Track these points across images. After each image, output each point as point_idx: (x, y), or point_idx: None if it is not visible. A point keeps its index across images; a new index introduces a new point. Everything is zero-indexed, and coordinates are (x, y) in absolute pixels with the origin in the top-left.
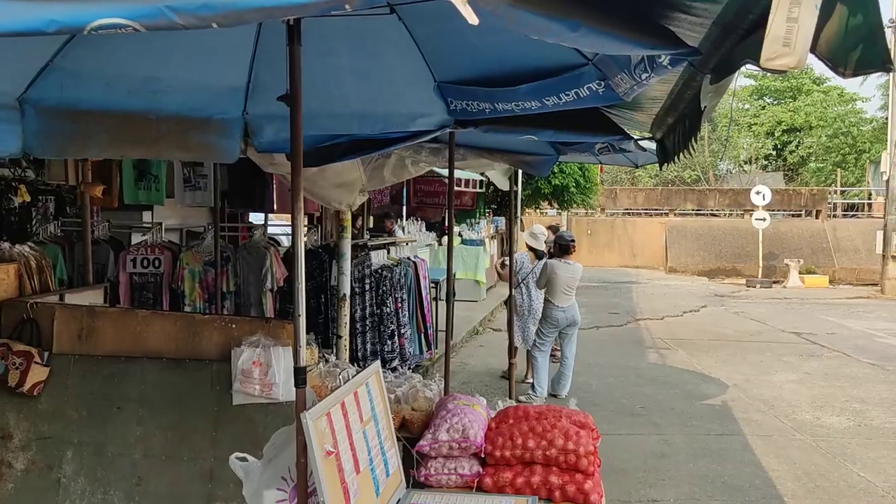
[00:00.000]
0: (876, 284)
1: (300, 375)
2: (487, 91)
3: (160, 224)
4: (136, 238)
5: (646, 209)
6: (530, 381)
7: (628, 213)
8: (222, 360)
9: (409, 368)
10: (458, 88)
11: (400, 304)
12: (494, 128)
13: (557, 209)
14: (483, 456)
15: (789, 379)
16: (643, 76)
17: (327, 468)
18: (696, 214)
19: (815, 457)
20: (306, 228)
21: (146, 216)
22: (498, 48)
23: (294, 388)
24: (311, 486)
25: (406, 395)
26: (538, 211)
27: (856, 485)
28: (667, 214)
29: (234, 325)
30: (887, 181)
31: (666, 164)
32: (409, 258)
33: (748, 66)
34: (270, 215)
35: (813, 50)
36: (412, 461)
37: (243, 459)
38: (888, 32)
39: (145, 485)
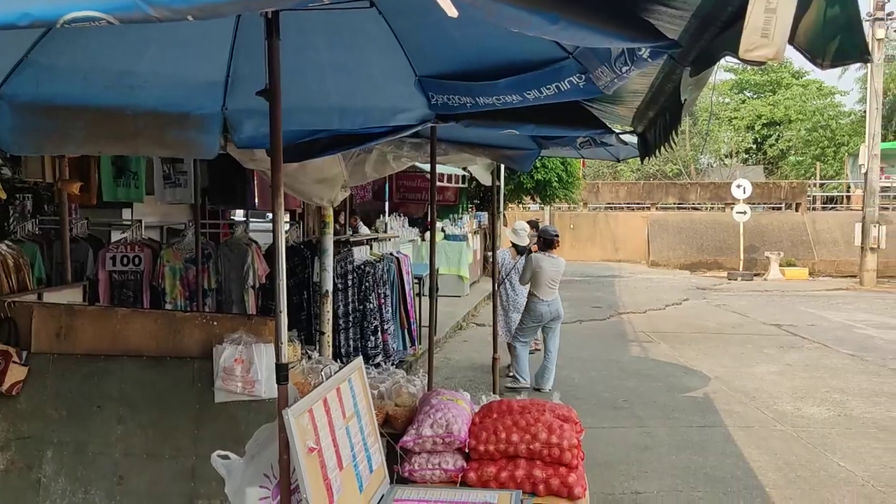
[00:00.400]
0: (855, 276)
1: (282, 372)
2: (468, 85)
3: (140, 221)
4: (116, 236)
5: (628, 203)
6: (512, 374)
7: (610, 208)
8: (204, 358)
9: (392, 364)
10: (439, 82)
11: (383, 300)
12: (476, 122)
13: (540, 204)
14: (467, 451)
15: (770, 370)
16: (623, 69)
17: (310, 465)
18: (678, 208)
19: (795, 447)
20: (288, 224)
21: (126, 213)
22: (478, 41)
23: (276, 385)
24: (294, 482)
25: (389, 391)
26: (521, 206)
27: (836, 474)
28: (649, 208)
29: (215, 323)
30: (865, 174)
31: (647, 157)
32: (391, 254)
33: (728, 58)
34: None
35: (791, 41)
36: (396, 457)
37: (225, 457)
38: (866, 25)
39: (126, 483)
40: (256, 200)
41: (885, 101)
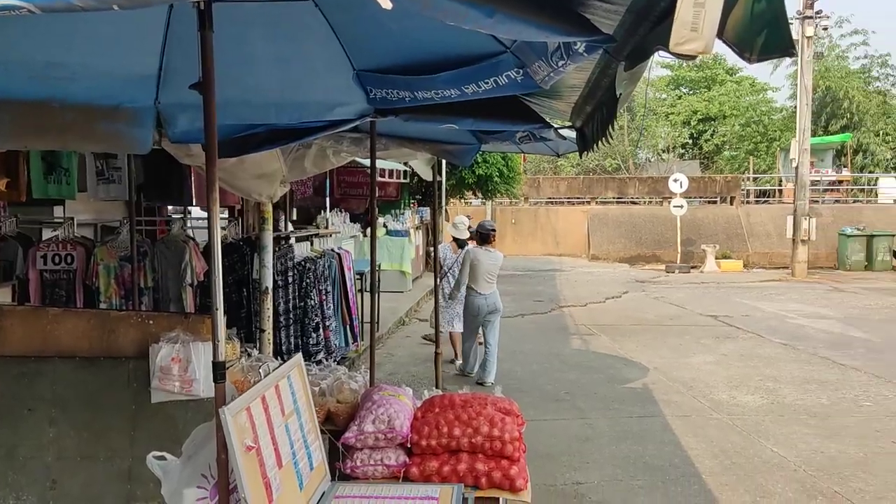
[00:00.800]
0: (787, 267)
1: (219, 370)
2: (406, 79)
3: (72, 219)
4: (48, 234)
5: (568, 198)
6: (459, 361)
7: (551, 202)
8: (140, 358)
9: (334, 361)
10: (377, 76)
11: (324, 297)
12: (415, 116)
13: (482, 199)
14: (409, 446)
15: (707, 360)
16: (560, 63)
17: (248, 464)
18: (617, 202)
19: (731, 435)
20: (227, 221)
21: (57, 211)
22: (417, 35)
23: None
24: (233, 482)
25: (331, 388)
26: (462, 201)
27: (769, 460)
28: (588, 203)
29: (151, 322)
30: (796, 168)
31: (586, 152)
32: (332, 250)
33: (660, 52)
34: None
35: (721, 36)
36: (338, 454)
37: (161, 458)
38: (796, 23)
39: (60, 487)
40: (194, 197)
41: (815, 97)
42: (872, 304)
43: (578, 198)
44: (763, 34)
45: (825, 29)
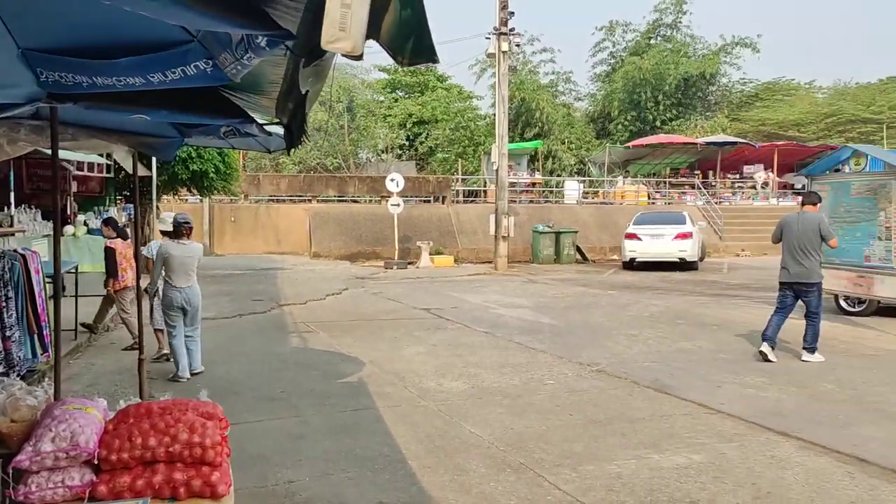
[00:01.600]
0: (491, 262)
1: None
2: (83, 62)
3: None
4: None
5: (290, 196)
6: (165, 351)
7: (273, 200)
8: None
9: (17, 375)
10: (49, 58)
11: (5, 304)
12: (99, 105)
13: (198, 196)
14: (97, 462)
15: (419, 351)
16: (245, 56)
17: None
18: (339, 201)
19: (435, 420)
20: None
21: None
22: (96, 16)
23: None
24: None
25: (3, 406)
26: (177, 198)
27: (467, 440)
28: (310, 201)
29: None
30: (496, 171)
31: (293, 148)
32: (14, 250)
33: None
34: None
35: (378, 38)
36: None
37: None
38: (492, 38)
39: None
40: None
41: (512, 106)
42: (559, 293)
43: (300, 196)
44: (411, 40)
45: (518, 45)
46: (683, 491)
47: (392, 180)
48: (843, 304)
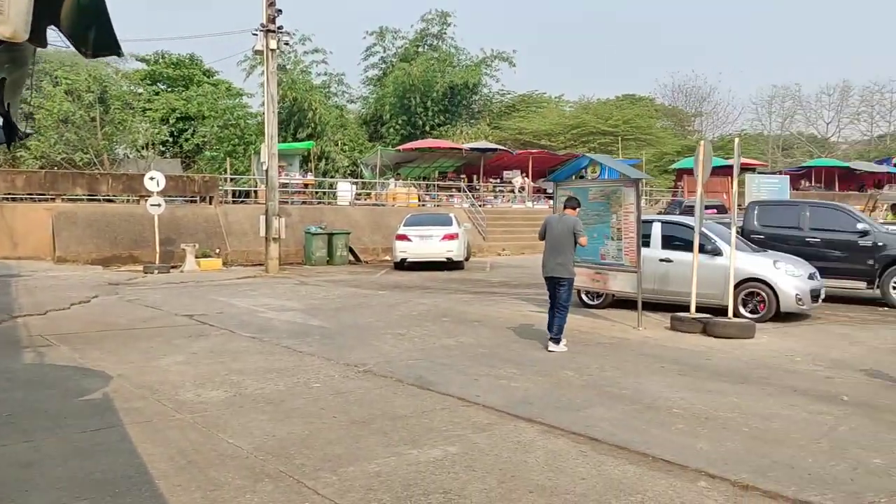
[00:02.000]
0: (262, 264)
1: None
2: None
3: None
4: None
5: (29, 194)
6: None
7: (7, 199)
8: None
9: None
10: None
11: None
12: None
13: None
14: None
15: (177, 361)
16: None
17: None
18: (89, 200)
19: (191, 434)
20: None
21: None
22: None
23: None
24: None
25: None
26: None
27: (224, 452)
28: (54, 200)
29: None
30: (266, 171)
31: (14, 143)
32: None
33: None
34: None
35: (59, 26)
36: None
37: None
38: (259, 35)
39: None
40: None
41: (284, 106)
42: (331, 294)
43: (41, 194)
44: (93, 30)
45: (287, 44)
46: (437, 483)
47: (152, 179)
48: (584, 297)
